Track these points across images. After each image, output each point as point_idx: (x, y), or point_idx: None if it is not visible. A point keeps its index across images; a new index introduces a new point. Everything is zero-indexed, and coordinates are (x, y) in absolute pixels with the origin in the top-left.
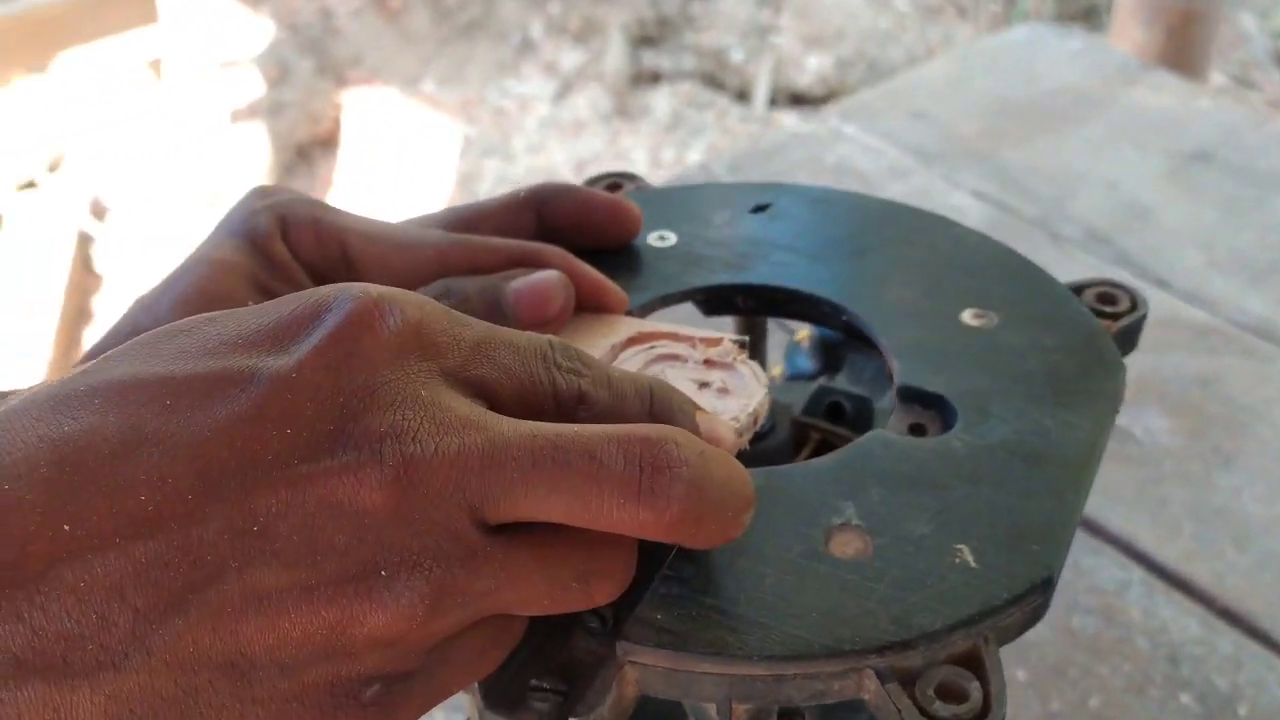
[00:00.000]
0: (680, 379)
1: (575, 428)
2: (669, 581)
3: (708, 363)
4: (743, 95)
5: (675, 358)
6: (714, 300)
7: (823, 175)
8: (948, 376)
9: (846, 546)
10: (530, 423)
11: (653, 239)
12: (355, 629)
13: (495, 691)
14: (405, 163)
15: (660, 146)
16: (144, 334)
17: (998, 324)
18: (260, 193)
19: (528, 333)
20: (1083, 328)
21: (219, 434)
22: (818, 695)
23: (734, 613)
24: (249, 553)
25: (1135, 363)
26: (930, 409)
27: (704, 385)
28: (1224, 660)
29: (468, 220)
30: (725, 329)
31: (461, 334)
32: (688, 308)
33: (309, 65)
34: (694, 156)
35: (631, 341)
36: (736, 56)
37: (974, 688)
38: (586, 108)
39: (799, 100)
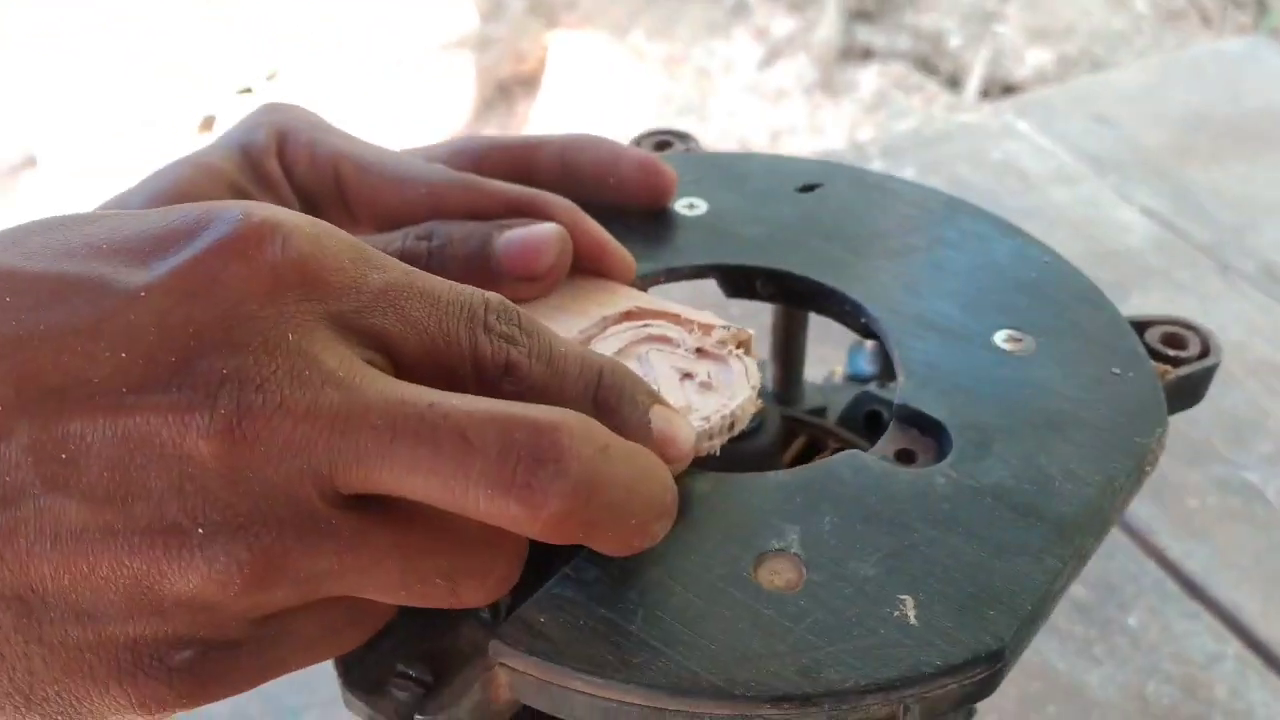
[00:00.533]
0: (663, 365)
1: (456, 400)
2: (566, 582)
3: (700, 351)
4: (954, 82)
5: (665, 340)
6: (732, 281)
7: (983, 170)
8: (955, 401)
9: (776, 576)
10: (409, 387)
11: (681, 205)
12: (163, 585)
13: (356, 670)
14: (603, 111)
15: (859, 126)
16: (26, 222)
17: (1034, 351)
18: (269, 108)
19: (463, 286)
20: (1130, 369)
21: (48, 342)
22: None
23: (625, 629)
24: (53, 480)
25: None
26: (927, 435)
27: (687, 376)
28: None
29: (479, 154)
30: (756, 317)
31: (365, 276)
32: (714, 293)
33: (522, 2)
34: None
35: (627, 316)
36: (954, 41)
37: None
38: (791, 77)
39: (1013, 94)
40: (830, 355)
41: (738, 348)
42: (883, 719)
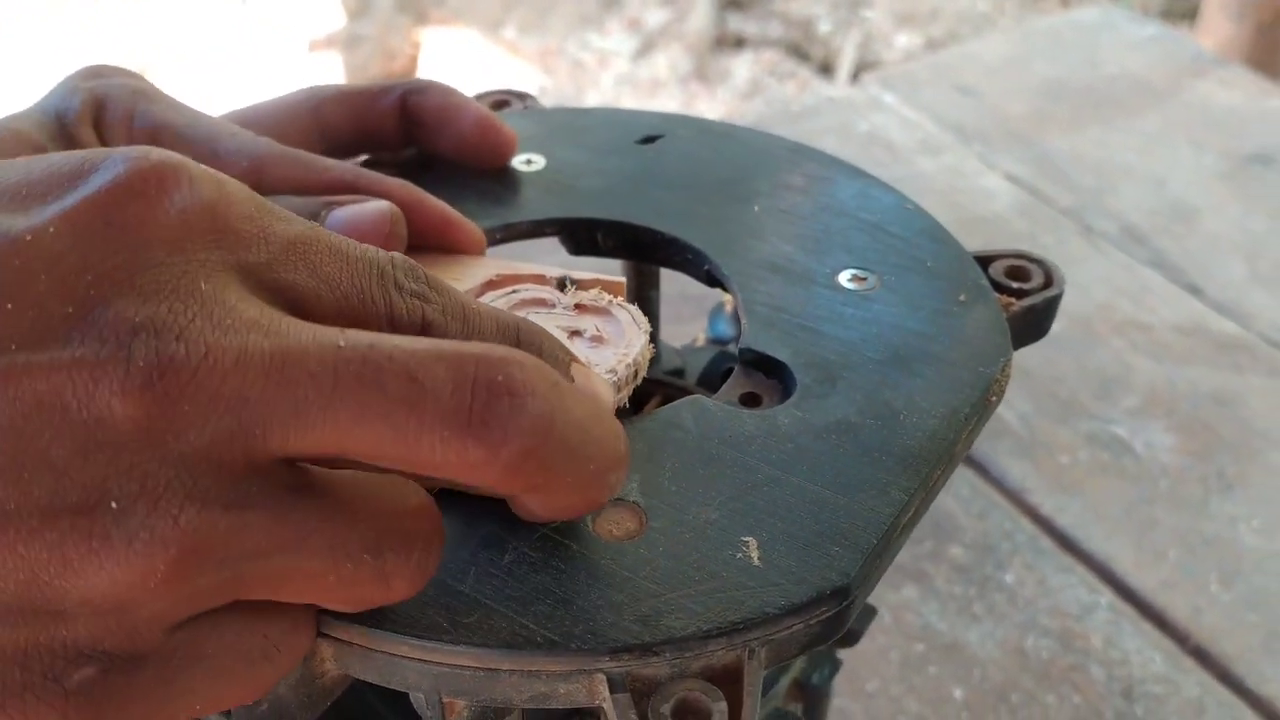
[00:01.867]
0: (548, 326)
1: (395, 340)
2: None
3: (579, 308)
4: (826, 68)
5: (541, 303)
6: (573, 235)
7: (851, 143)
8: (799, 342)
9: (615, 526)
10: (342, 331)
11: (518, 162)
12: (67, 578)
13: None
14: None
15: (735, 114)
16: None
17: (878, 289)
18: (90, 71)
19: (364, 244)
20: (974, 301)
21: None
22: (541, 698)
23: (455, 589)
24: None
25: (1149, 372)
26: (772, 377)
27: (575, 334)
28: (1186, 704)
29: (317, 107)
30: (614, 274)
31: (272, 227)
32: (554, 251)
33: (390, 1)
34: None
35: (490, 285)
36: (824, 28)
37: (719, 709)
38: (665, 68)
39: None
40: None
41: (614, 297)
42: (728, 665)
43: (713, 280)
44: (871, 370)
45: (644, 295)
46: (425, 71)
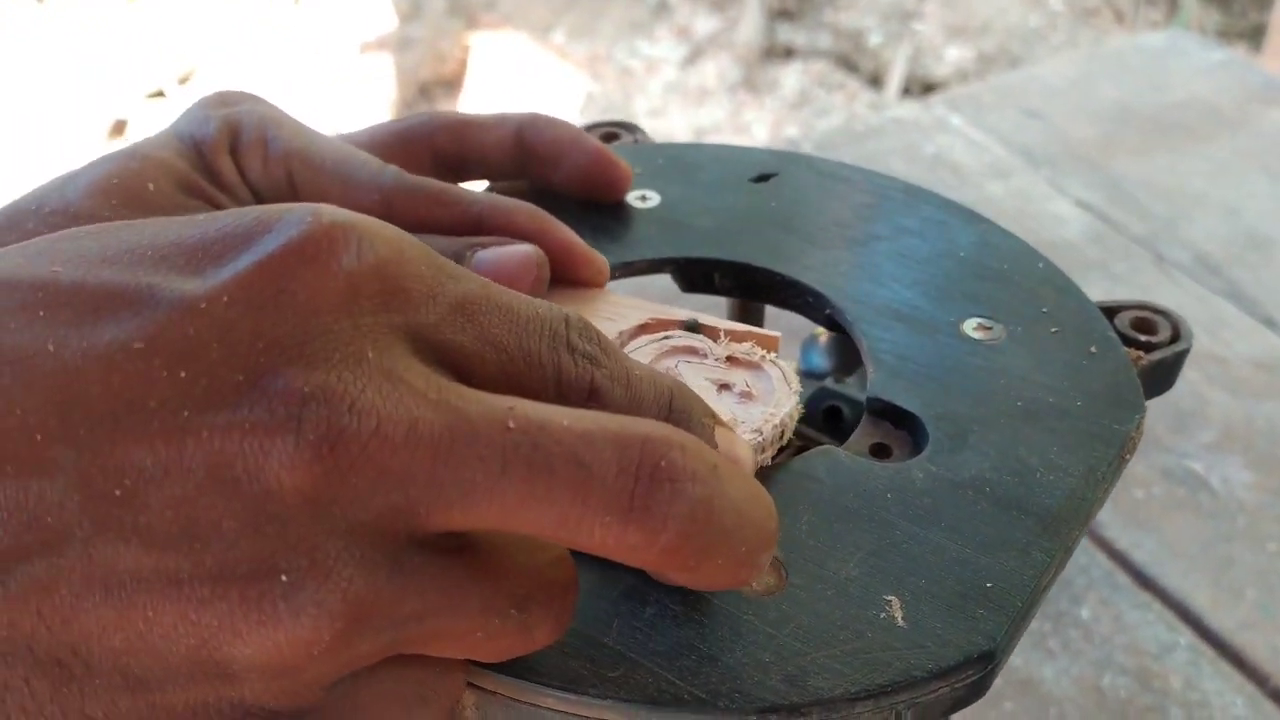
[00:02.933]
0: (696, 378)
1: (562, 419)
2: None
3: (731, 360)
4: (875, 80)
5: (692, 351)
6: (688, 275)
7: (917, 165)
8: (928, 393)
9: (756, 580)
10: (505, 401)
11: (633, 198)
12: (236, 646)
13: None
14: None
15: (783, 123)
16: (49, 235)
17: (1004, 339)
18: (218, 99)
19: (539, 300)
20: (1104, 355)
21: (93, 361)
22: None
23: (599, 641)
24: (104, 521)
25: (1225, 406)
26: (901, 428)
27: (724, 387)
28: None
29: (431, 134)
30: (709, 310)
31: (443, 286)
32: (665, 289)
33: (441, 3)
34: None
35: (643, 329)
36: (874, 40)
37: None
38: (714, 76)
39: (933, 91)
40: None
41: (767, 352)
42: None
43: (833, 324)
44: (1003, 425)
45: None
46: (474, 75)
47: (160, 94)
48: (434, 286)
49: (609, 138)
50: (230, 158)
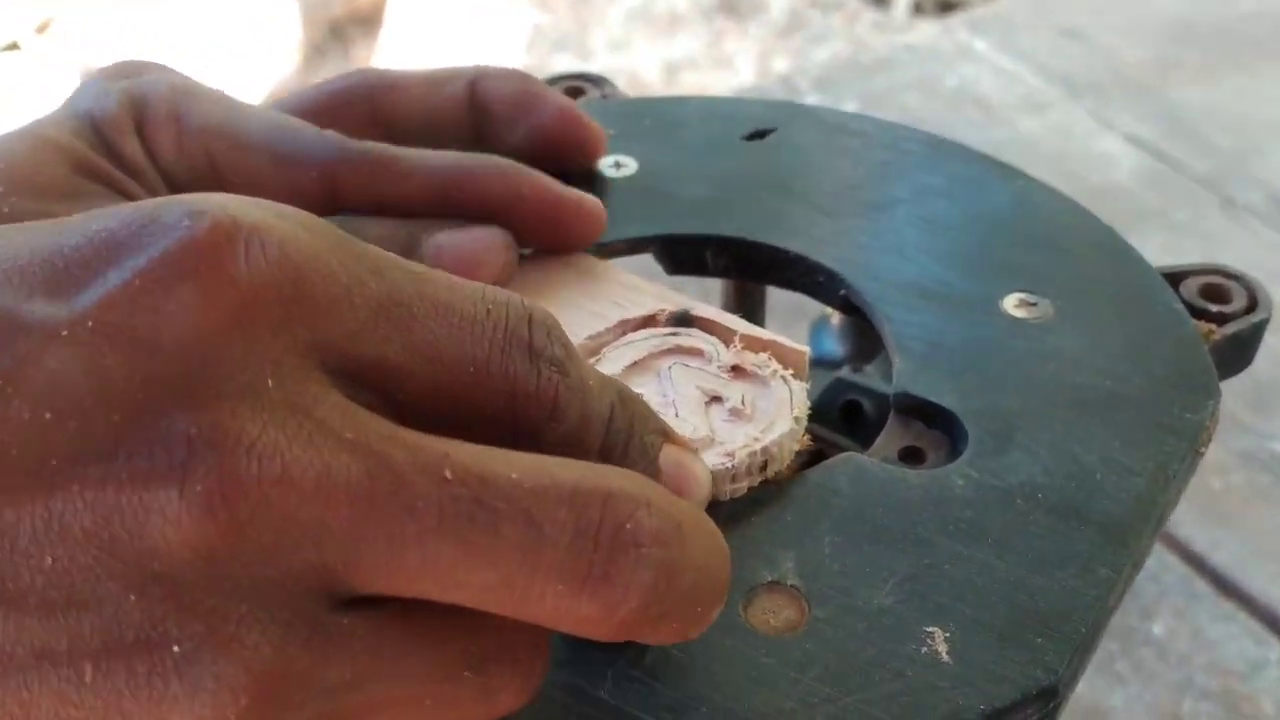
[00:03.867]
0: (687, 385)
1: (508, 467)
2: None
3: (735, 370)
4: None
5: (696, 353)
6: (675, 254)
7: (936, 102)
8: (965, 384)
9: (773, 615)
10: (440, 446)
11: (605, 165)
12: None
13: None
14: (459, 52)
15: (771, 55)
16: None
17: (1051, 317)
18: (117, 70)
19: (492, 289)
20: (1169, 331)
21: None
22: None
23: (594, 696)
24: None
25: None
26: (934, 428)
27: (714, 400)
28: None
29: (371, 95)
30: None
31: (361, 286)
32: (649, 269)
33: None
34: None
35: (649, 321)
36: None
37: None
38: (685, 1)
39: (951, 9)
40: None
41: (786, 369)
42: None
43: (849, 306)
44: (1055, 419)
45: (751, 317)
46: (395, 10)
47: (15, 46)
48: (350, 287)
49: (573, 93)
50: (136, 137)
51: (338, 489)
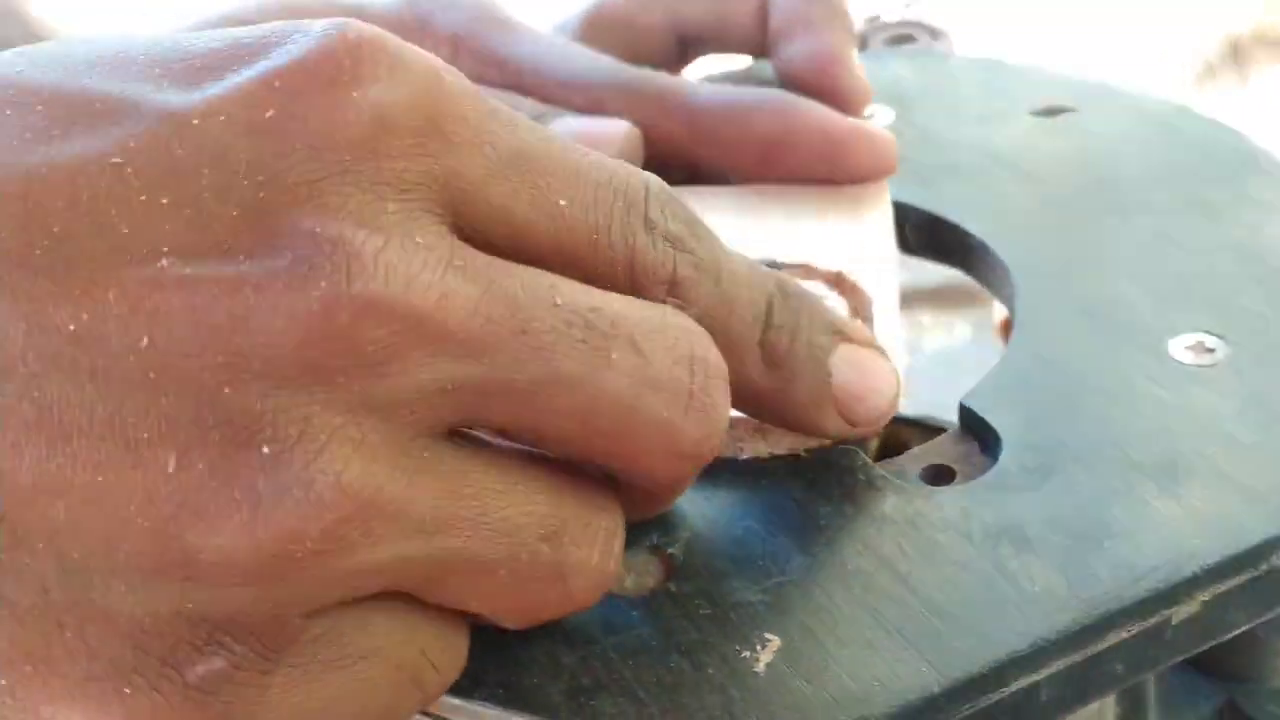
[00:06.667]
0: None
1: (607, 299)
2: None
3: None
4: None
5: None
6: None
7: None
8: (1041, 415)
9: (636, 574)
10: (545, 278)
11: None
12: (201, 533)
13: None
14: None
15: None
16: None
17: (1220, 365)
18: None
19: (612, 160)
20: None
21: (59, 172)
22: None
23: None
24: (54, 358)
25: None
26: (988, 454)
27: None
28: None
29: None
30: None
31: (491, 133)
32: None
33: None
34: None
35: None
36: None
37: None
38: None
39: None
40: None
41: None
42: None
43: (1011, 311)
44: (1115, 472)
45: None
46: None
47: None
48: (482, 133)
49: (899, 40)
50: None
51: (457, 310)
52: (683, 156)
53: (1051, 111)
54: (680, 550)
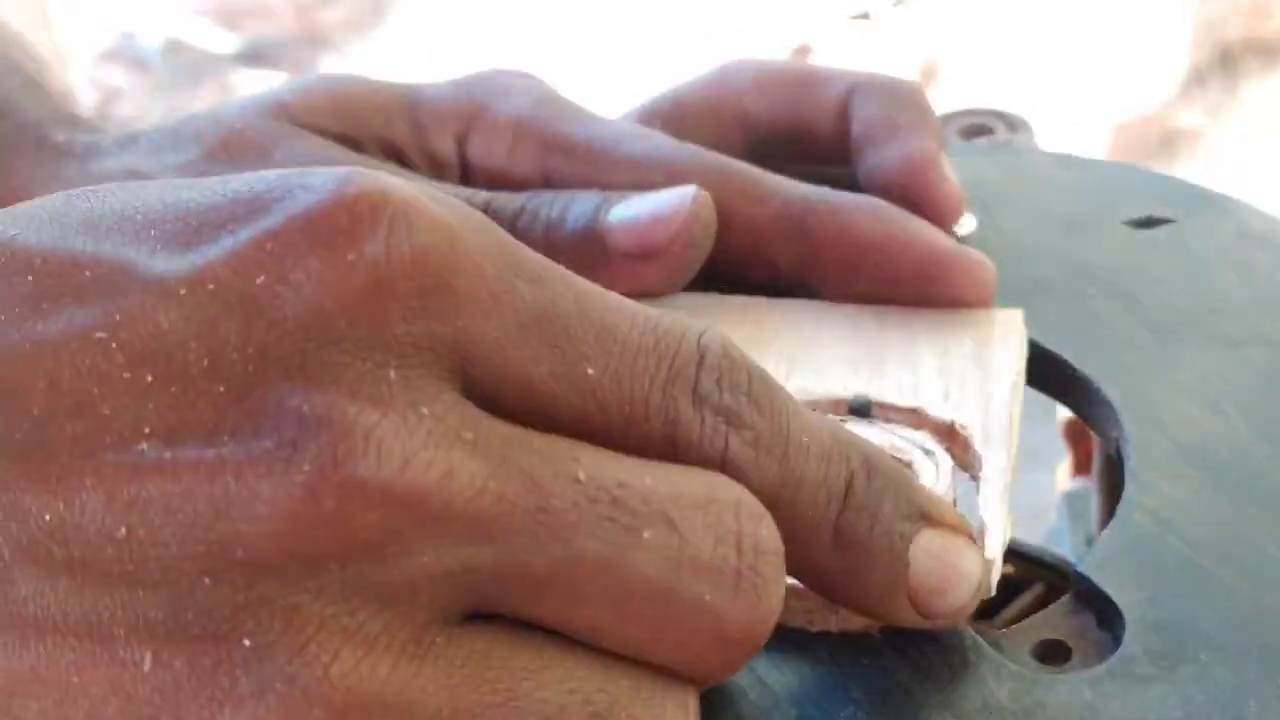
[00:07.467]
0: None
1: (638, 470)
2: None
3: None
4: None
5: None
6: None
7: None
8: (1169, 588)
9: None
10: (572, 446)
11: None
12: None
13: None
14: None
15: None
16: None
17: None
18: (482, 78)
19: (662, 316)
20: None
21: (43, 349)
22: None
23: None
24: (27, 548)
25: None
26: (1105, 628)
27: None
28: None
29: (739, 95)
30: None
31: (511, 291)
32: None
33: None
34: None
35: (830, 405)
36: None
37: None
38: None
39: None
40: None
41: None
42: None
43: (1118, 454)
44: (1252, 662)
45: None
46: None
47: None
48: (501, 292)
49: (975, 131)
50: (451, 137)
51: (463, 489)
52: (763, 252)
53: (1149, 222)
54: None
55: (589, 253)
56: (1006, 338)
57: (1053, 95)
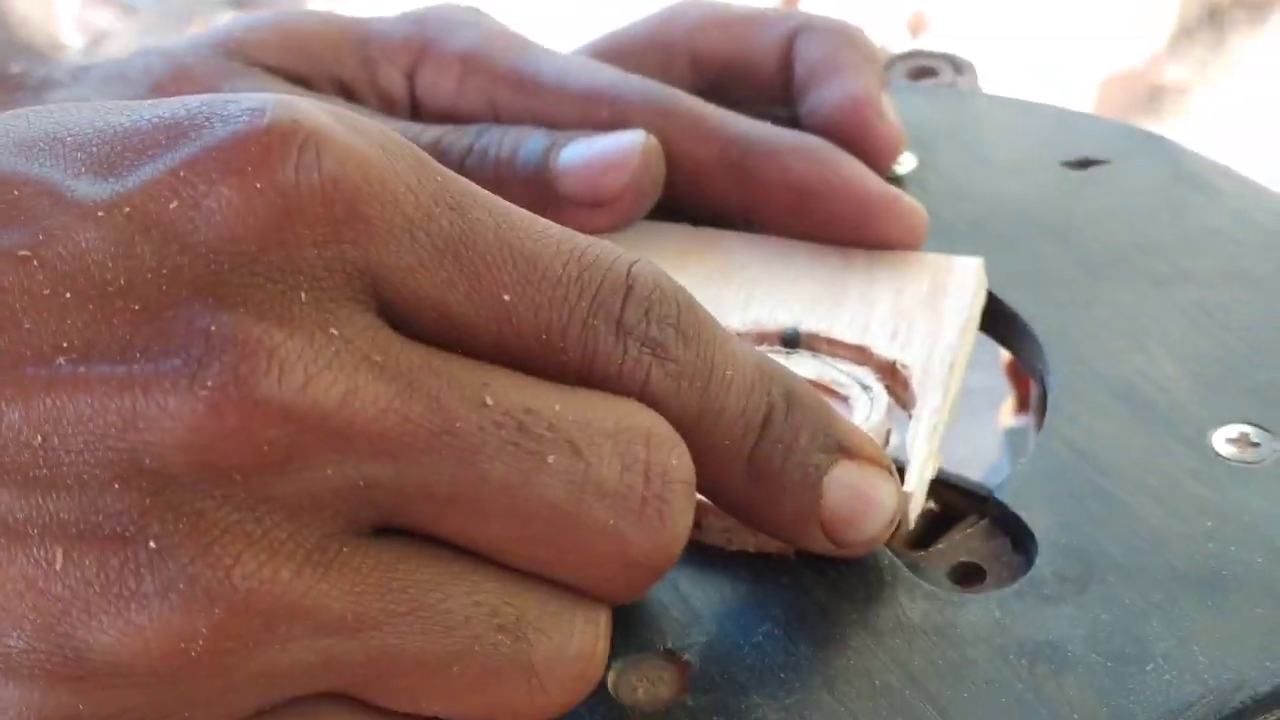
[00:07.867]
0: None
1: (548, 396)
2: None
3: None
4: None
5: (833, 395)
6: None
7: None
8: (1079, 516)
9: (644, 686)
10: (482, 371)
11: None
12: (90, 630)
13: None
14: None
15: None
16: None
17: (1268, 465)
18: (435, 10)
19: (589, 244)
20: None
21: None
22: None
23: None
24: None
25: None
26: (1020, 552)
27: None
28: None
29: (692, 29)
30: None
31: (429, 217)
32: None
33: None
34: None
35: (763, 338)
36: None
37: None
38: None
39: None
40: None
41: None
42: None
43: (1043, 388)
44: (1156, 583)
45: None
46: None
47: None
48: (416, 218)
49: (921, 73)
50: (398, 69)
51: (365, 409)
52: (708, 189)
53: (1084, 163)
54: (697, 657)
55: (538, 195)
56: (962, 284)
57: (1039, 48)
